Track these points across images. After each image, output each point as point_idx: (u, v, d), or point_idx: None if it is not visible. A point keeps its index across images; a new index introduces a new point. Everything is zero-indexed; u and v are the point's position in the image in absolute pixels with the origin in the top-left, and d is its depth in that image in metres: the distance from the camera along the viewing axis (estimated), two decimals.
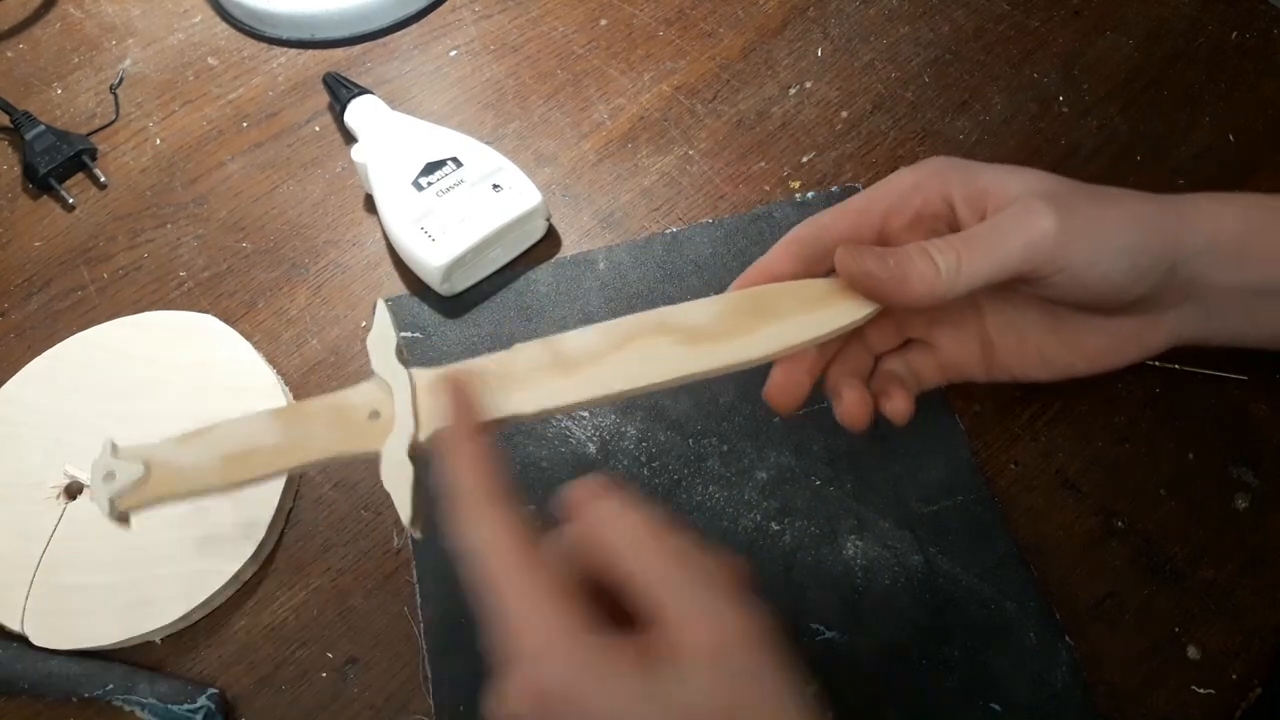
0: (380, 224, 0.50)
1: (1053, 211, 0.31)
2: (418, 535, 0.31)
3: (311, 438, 0.31)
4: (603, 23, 0.59)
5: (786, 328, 0.32)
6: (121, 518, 0.31)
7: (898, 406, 0.35)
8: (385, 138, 0.50)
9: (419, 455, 0.31)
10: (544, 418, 0.32)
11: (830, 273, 0.33)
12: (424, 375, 0.32)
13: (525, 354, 0.32)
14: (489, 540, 0.27)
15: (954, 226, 0.34)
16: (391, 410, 0.31)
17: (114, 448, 0.31)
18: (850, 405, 0.34)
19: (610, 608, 0.27)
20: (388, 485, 0.30)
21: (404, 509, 0.30)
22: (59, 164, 0.54)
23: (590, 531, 0.28)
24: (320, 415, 0.32)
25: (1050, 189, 0.33)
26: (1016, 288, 0.34)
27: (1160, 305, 0.34)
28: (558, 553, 0.28)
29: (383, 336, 0.33)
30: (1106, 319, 0.35)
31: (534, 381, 0.31)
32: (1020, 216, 0.31)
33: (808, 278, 0.34)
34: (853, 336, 0.36)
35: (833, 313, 0.32)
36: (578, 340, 0.32)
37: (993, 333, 0.37)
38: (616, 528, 0.27)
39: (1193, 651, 0.39)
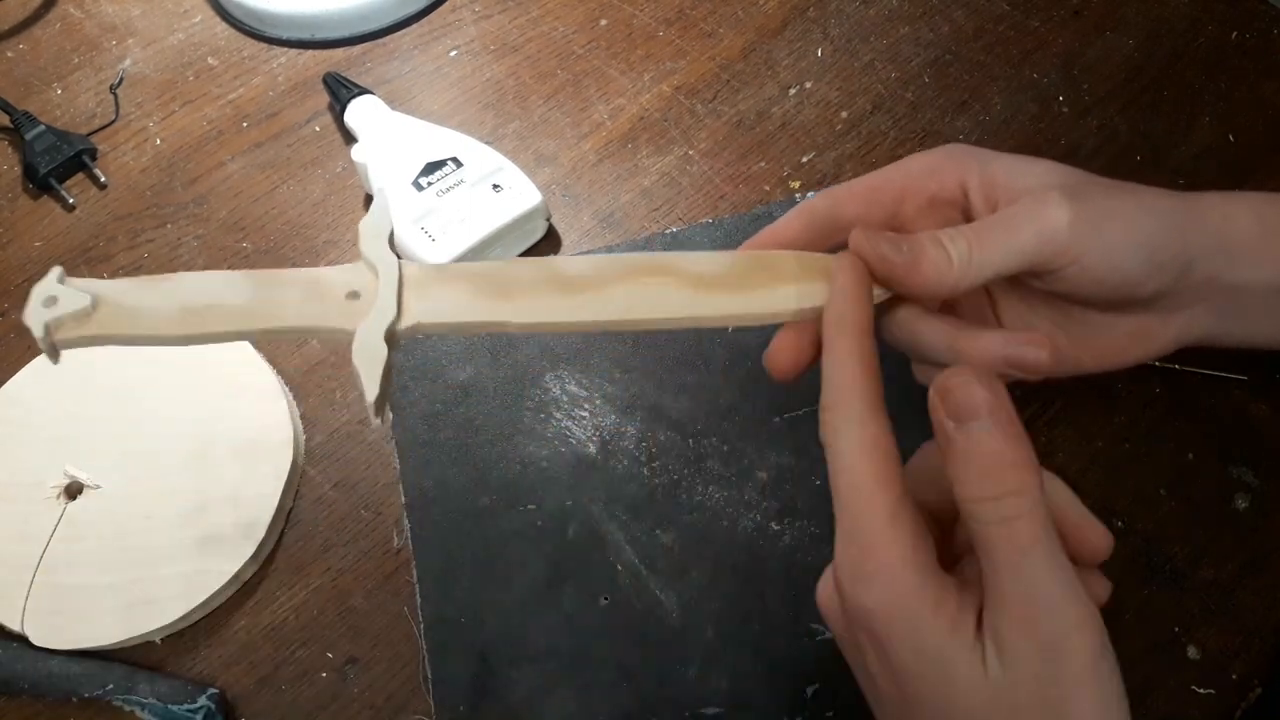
0: None
1: (1067, 202, 0.31)
2: (377, 422, 0.29)
3: (282, 304, 0.30)
4: (603, 23, 0.59)
5: (794, 291, 0.31)
6: (52, 349, 0.29)
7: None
8: (385, 138, 0.50)
9: (394, 342, 0.29)
10: (530, 332, 0.30)
11: (838, 248, 0.33)
12: (414, 268, 0.31)
13: (523, 267, 0.31)
14: (855, 448, 0.27)
15: (967, 213, 0.34)
16: (372, 294, 0.30)
17: (61, 274, 0.29)
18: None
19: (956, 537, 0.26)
20: (357, 363, 0.29)
21: (371, 390, 0.28)
22: (59, 164, 0.54)
23: (948, 467, 0.26)
24: (295, 284, 0.30)
25: (1065, 180, 0.33)
26: (1028, 282, 0.33)
27: (1172, 304, 0.34)
28: (918, 471, 0.28)
29: (377, 222, 0.31)
30: (1117, 317, 0.35)
31: (527, 294, 0.30)
32: (1034, 207, 0.31)
33: (814, 249, 0.33)
34: None
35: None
36: (579, 264, 0.31)
37: (1004, 328, 0.37)
38: (971, 470, 0.25)
39: (1193, 651, 0.39)
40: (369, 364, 0.29)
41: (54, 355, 0.29)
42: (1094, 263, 0.31)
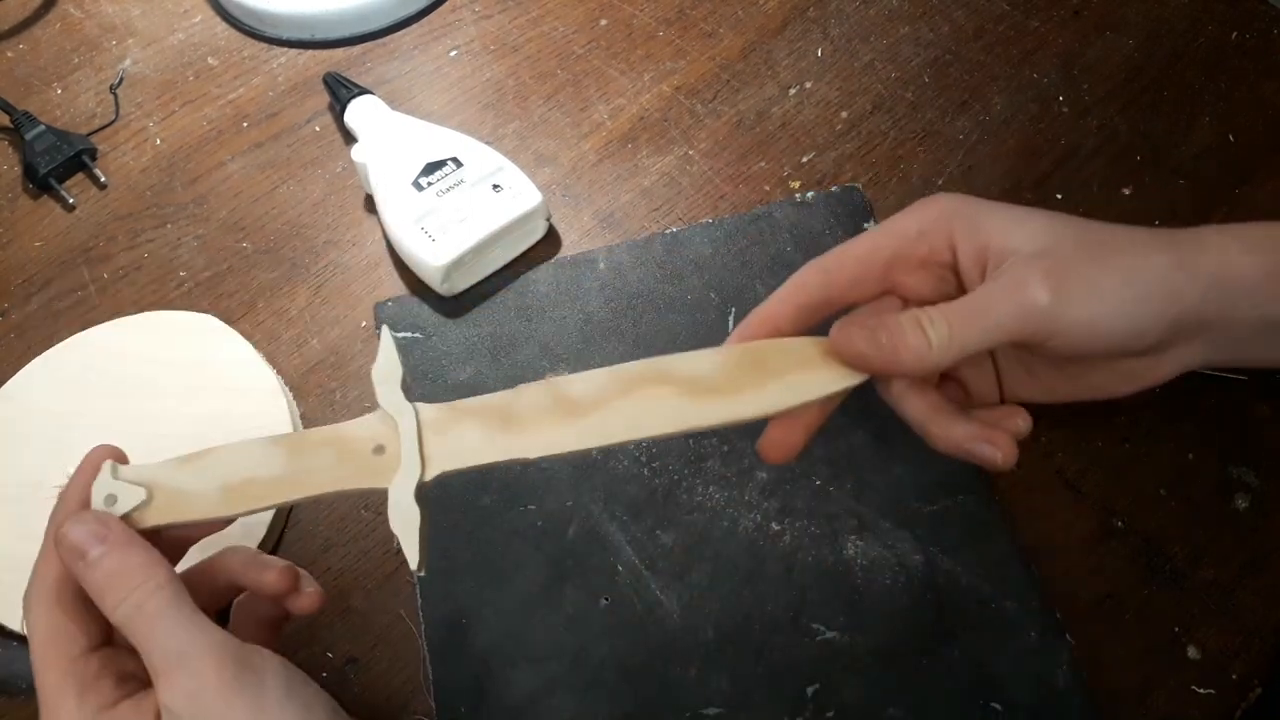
0: (380, 224, 0.50)
1: (1046, 284, 0.31)
2: (422, 573, 0.32)
3: (314, 471, 0.31)
4: (603, 23, 0.59)
5: (784, 389, 0.32)
6: None
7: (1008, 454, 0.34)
8: (385, 138, 0.50)
9: (424, 494, 0.31)
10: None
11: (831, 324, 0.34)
12: (429, 411, 0.32)
13: (529, 395, 0.32)
14: (37, 636, 0.31)
15: (958, 275, 0.34)
16: (397, 445, 0.31)
17: (114, 468, 0.31)
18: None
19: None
20: (395, 528, 0.30)
21: (412, 554, 0.30)
22: (59, 164, 0.54)
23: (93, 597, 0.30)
24: (323, 446, 0.32)
25: (1052, 246, 0.32)
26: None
27: (1166, 348, 0.34)
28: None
29: (388, 367, 0.32)
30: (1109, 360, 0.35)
31: (537, 424, 0.31)
32: (1014, 289, 0.31)
33: (809, 324, 0.34)
34: None
35: (830, 377, 0.32)
36: (582, 385, 0.32)
37: (1001, 367, 0.37)
38: (104, 592, 0.30)
39: (1193, 651, 0.39)
40: (406, 528, 0.30)
41: None
42: (1077, 336, 0.31)
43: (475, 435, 0.32)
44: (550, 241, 0.51)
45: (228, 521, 0.33)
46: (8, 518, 0.43)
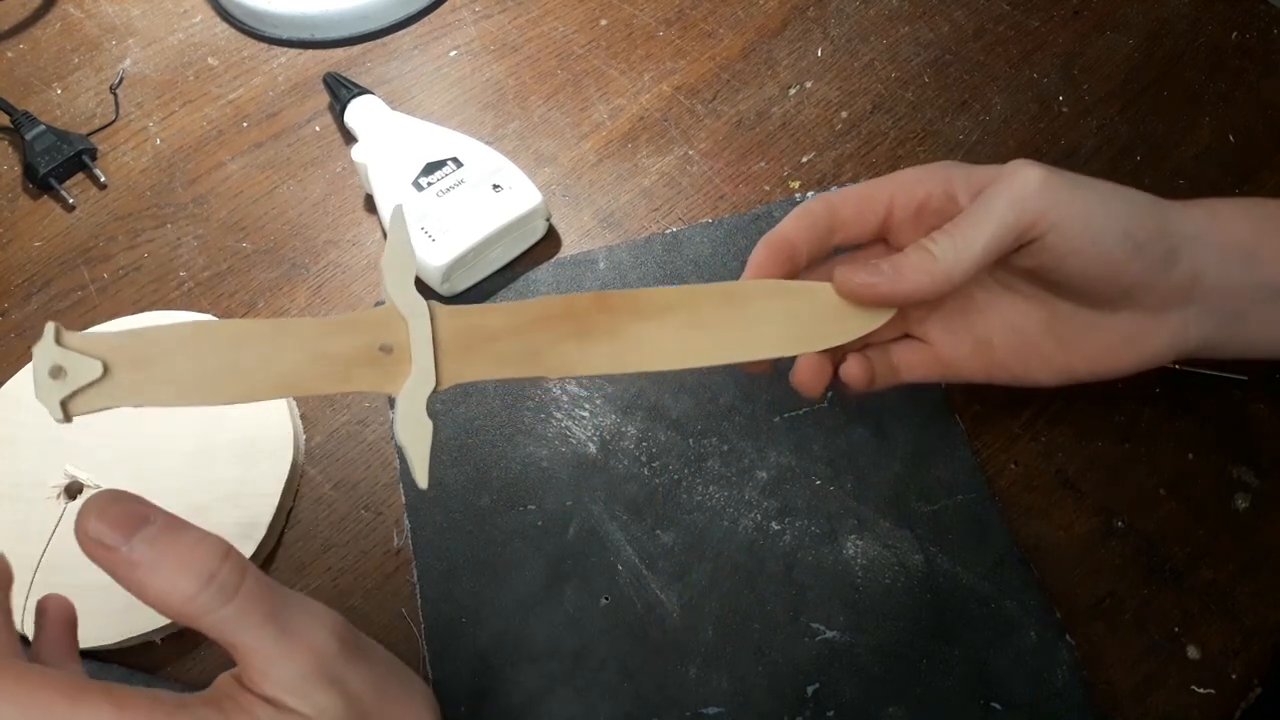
0: (380, 224, 0.50)
1: (1037, 168, 0.32)
2: (426, 489, 0.28)
3: (310, 363, 0.27)
4: (603, 23, 0.59)
5: (800, 336, 0.33)
6: (68, 418, 0.27)
7: (850, 370, 0.36)
8: (385, 138, 0.50)
9: (432, 405, 0.28)
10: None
11: (834, 252, 0.36)
12: (445, 313, 0.28)
13: (547, 306, 0.30)
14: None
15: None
16: (406, 345, 0.27)
17: (58, 332, 0.26)
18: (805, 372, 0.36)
19: None
20: (403, 440, 0.27)
21: (420, 469, 0.27)
22: (59, 164, 0.54)
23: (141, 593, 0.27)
24: (324, 335, 0.27)
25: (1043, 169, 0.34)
26: (1016, 263, 0.34)
27: (1161, 301, 0.34)
28: None
29: (400, 256, 0.28)
30: (1106, 316, 0.35)
31: (555, 342, 0.29)
32: (1005, 179, 0.33)
33: (815, 247, 0.35)
34: None
35: (844, 328, 0.33)
36: (615, 299, 0.31)
37: (992, 332, 0.37)
38: (173, 573, 0.26)
39: (1192, 651, 0.39)
40: (416, 442, 0.27)
41: (68, 420, 0.27)
42: (1073, 232, 0.32)
43: (493, 344, 0.28)
44: (550, 241, 0.51)
45: (203, 405, 0.27)
46: (8, 518, 0.43)
